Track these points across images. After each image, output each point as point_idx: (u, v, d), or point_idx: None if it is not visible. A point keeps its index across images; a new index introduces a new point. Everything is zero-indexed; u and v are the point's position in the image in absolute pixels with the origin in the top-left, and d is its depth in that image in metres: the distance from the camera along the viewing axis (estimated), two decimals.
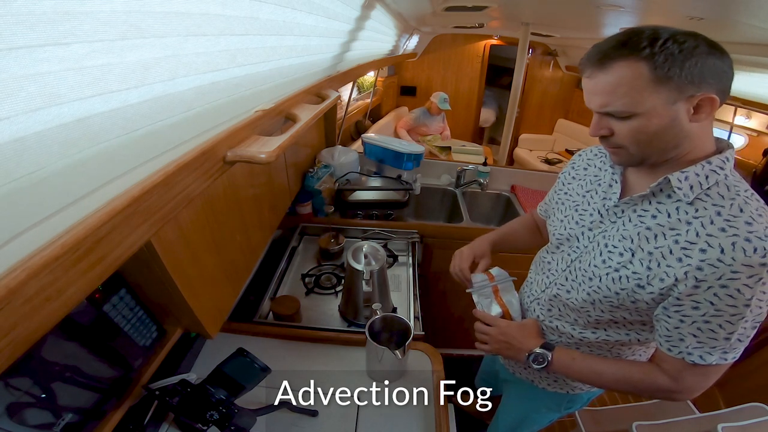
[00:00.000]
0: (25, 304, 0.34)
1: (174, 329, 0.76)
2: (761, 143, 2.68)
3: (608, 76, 0.55)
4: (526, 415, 1.05)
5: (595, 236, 0.72)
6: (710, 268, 0.55)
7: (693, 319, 0.59)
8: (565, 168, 0.89)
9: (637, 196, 0.65)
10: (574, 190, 0.81)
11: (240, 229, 0.89)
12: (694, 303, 0.58)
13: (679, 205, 0.61)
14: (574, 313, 0.77)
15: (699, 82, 0.52)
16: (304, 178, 1.52)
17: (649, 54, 0.52)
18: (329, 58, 1.21)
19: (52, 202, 0.36)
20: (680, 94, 0.53)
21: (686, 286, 0.57)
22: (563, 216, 0.80)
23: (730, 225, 0.55)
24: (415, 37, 3.23)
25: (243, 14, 0.57)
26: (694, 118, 0.55)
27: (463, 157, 3.19)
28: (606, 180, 0.74)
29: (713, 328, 0.58)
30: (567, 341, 0.81)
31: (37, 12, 0.28)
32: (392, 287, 1.27)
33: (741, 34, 1.36)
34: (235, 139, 0.68)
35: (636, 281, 0.63)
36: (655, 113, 0.55)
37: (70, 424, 0.56)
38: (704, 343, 0.60)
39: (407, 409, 0.91)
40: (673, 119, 0.55)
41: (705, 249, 0.56)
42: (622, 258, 0.65)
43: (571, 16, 2.11)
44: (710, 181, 0.58)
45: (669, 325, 0.62)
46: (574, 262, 0.76)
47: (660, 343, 0.66)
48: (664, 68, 0.51)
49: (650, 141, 0.58)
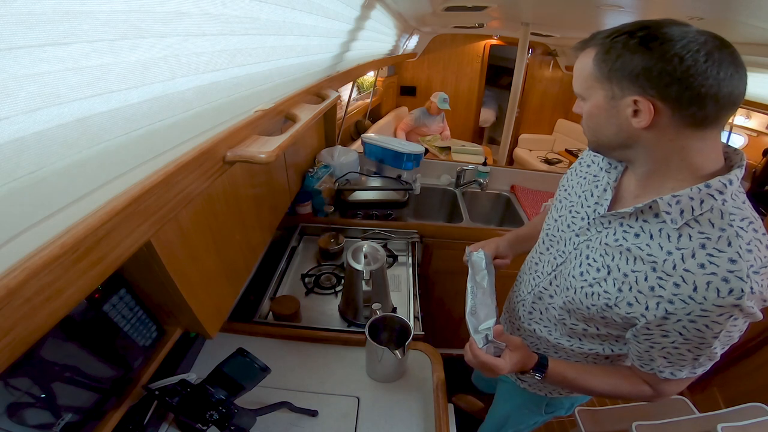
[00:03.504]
0: (25, 304, 0.34)
1: (174, 329, 0.76)
2: (761, 143, 2.68)
3: (578, 60, 0.58)
4: (509, 414, 1.07)
5: (579, 244, 0.71)
6: (681, 303, 0.54)
7: (662, 345, 0.60)
8: (574, 163, 0.86)
9: (623, 212, 0.62)
10: (573, 189, 0.79)
11: (240, 229, 0.89)
12: (662, 332, 0.58)
13: (664, 227, 0.57)
14: (552, 319, 0.78)
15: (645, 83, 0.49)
16: (304, 178, 1.52)
17: (600, 43, 0.53)
18: (329, 58, 1.21)
19: (52, 202, 0.36)
20: (622, 92, 0.52)
21: (655, 316, 0.57)
22: (558, 215, 0.79)
23: (711, 261, 0.52)
24: (415, 37, 3.23)
25: (243, 14, 0.57)
26: (635, 121, 0.52)
27: (462, 157, 3.19)
28: (602, 183, 0.72)
29: (682, 353, 0.60)
30: (544, 346, 0.82)
31: (36, 12, 0.28)
32: (392, 287, 1.27)
33: (741, 34, 1.36)
34: (235, 139, 0.68)
35: (606, 300, 0.63)
36: (597, 105, 0.56)
37: (69, 424, 0.56)
38: (673, 363, 0.62)
39: (407, 409, 0.91)
40: (614, 116, 0.54)
41: (679, 284, 0.54)
42: (598, 274, 0.65)
43: (571, 16, 2.11)
44: (704, 206, 0.53)
45: (639, 348, 0.64)
46: (559, 267, 0.75)
47: (632, 359, 0.68)
48: (607, 64, 0.52)
49: (594, 128, 0.59)
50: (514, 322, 0.90)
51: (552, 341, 0.80)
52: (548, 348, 0.82)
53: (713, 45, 0.47)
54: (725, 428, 1.16)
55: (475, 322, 0.72)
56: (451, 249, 1.68)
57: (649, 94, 0.49)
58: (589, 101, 0.57)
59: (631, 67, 0.49)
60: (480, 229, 1.72)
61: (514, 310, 0.90)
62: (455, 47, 4.02)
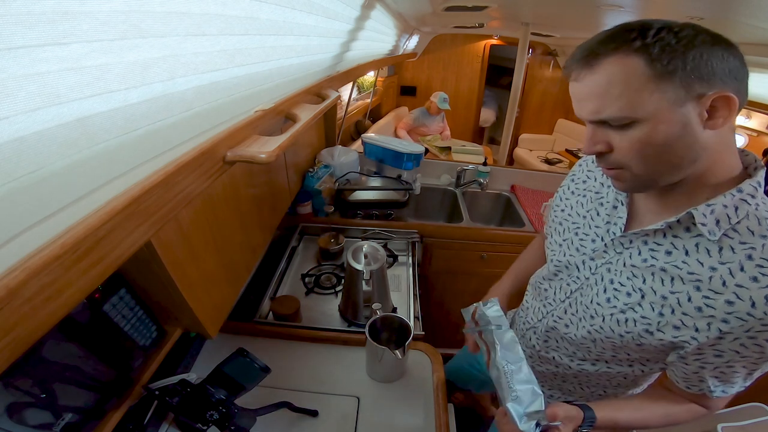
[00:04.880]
0: (25, 304, 0.34)
1: (174, 329, 0.76)
2: (761, 143, 2.68)
3: (598, 75, 0.46)
4: None
5: (597, 267, 0.64)
6: (737, 321, 0.49)
7: (715, 365, 0.55)
8: (564, 180, 0.80)
9: (650, 229, 0.55)
10: (574, 209, 0.73)
11: (240, 229, 0.89)
12: (716, 352, 0.53)
13: (700, 242, 0.52)
14: (572, 347, 0.71)
15: (709, 77, 0.43)
16: (304, 178, 1.52)
17: (642, 46, 0.43)
18: (329, 58, 1.21)
19: (52, 202, 0.36)
20: (688, 93, 0.43)
21: (708, 337, 0.52)
22: (562, 240, 0.73)
23: (763, 273, 0.47)
24: (415, 37, 3.23)
25: (243, 14, 0.57)
26: (709, 124, 0.45)
27: (463, 157, 3.19)
28: (609, 199, 0.65)
29: (737, 371, 0.55)
30: (564, 371, 0.76)
31: (36, 12, 0.28)
32: (392, 287, 1.27)
33: (741, 34, 1.36)
34: (235, 139, 0.68)
35: (645, 326, 0.57)
36: (660, 118, 0.44)
37: (69, 424, 0.56)
38: (725, 381, 0.57)
39: (407, 409, 0.91)
40: (684, 125, 0.45)
41: (733, 301, 0.49)
42: (630, 299, 0.58)
43: (571, 16, 2.11)
44: (740, 213, 0.48)
45: (687, 370, 0.58)
46: (574, 294, 0.69)
47: (676, 381, 0.62)
48: (663, 60, 0.42)
49: (659, 155, 0.47)
50: (527, 350, 0.82)
51: (574, 368, 0.73)
52: (567, 373, 0.76)
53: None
54: (725, 428, 1.15)
55: (519, 409, 0.58)
56: (451, 249, 1.68)
57: (730, 88, 0.43)
58: (644, 120, 0.45)
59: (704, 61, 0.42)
60: (480, 229, 1.72)
61: (524, 337, 0.83)
62: (455, 47, 4.02)
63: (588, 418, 0.61)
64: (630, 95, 0.45)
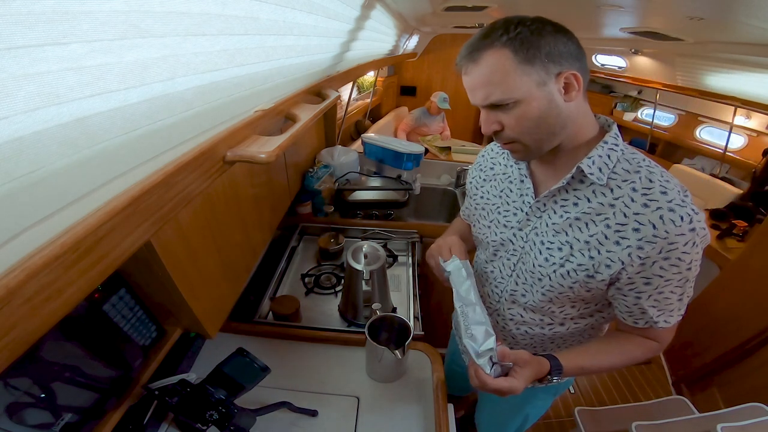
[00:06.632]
0: (25, 304, 0.34)
1: (174, 329, 0.76)
2: (761, 143, 2.68)
3: (481, 67, 0.57)
4: (527, 415, 1.05)
5: (528, 235, 0.72)
6: (649, 245, 0.57)
7: (648, 293, 0.62)
8: (471, 171, 0.89)
9: (554, 189, 0.66)
10: (490, 193, 0.81)
11: (240, 229, 0.89)
12: (645, 279, 0.61)
13: (595, 188, 0.62)
14: (537, 315, 0.77)
15: (559, 60, 0.54)
16: (304, 178, 1.52)
17: (508, 40, 0.54)
18: (329, 58, 1.21)
19: (52, 202, 0.36)
20: (548, 74, 0.55)
21: (633, 266, 0.60)
22: (489, 222, 0.80)
23: (649, 199, 0.57)
24: (415, 37, 3.23)
25: (243, 14, 0.57)
26: (567, 97, 0.57)
27: (463, 157, 3.18)
28: (515, 176, 0.75)
29: (667, 296, 0.62)
30: (541, 340, 0.81)
31: (36, 12, 0.28)
32: (392, 287, 1.27)
33: (741, 34, 1.36)
34: (235, 139, 0.68)
35: (584, 272, 0.64)
36: (532, 96, 0.56)
37: (69, 424, 0.56)
38: (663, 309, 0.64)
39: (407, 409, 0.91)
40: (550, 100, 0.56)
41: (638, 228, 0.58)
42: (562, 252, 0.66)
43: (571, 16, 2.11)
44: (612, 159, 0.61)
45: (627, 302, 0.65)
46: (517, 265, 0.75)
47: (623, 318, 0.69)
48: (524, 50, 0.53)
49: (538, 126, 0.59)
50: (500, 333, 0.86)
51: (549, 334, 0.78)
52: (545, 341, 0.80)
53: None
54: (725, 428, 1.15)
55: (474, 346, 0.65)
56: None
57: (575, 67, 0.56)
58: (521, 100, 0.57)
59: (553, 47, 0.54)
60: None
61: (494, 324, 0.85)
62: (455, 47, 4.02)
63: (555, 366, 0.68)
64: (507, 81, 0.56)
